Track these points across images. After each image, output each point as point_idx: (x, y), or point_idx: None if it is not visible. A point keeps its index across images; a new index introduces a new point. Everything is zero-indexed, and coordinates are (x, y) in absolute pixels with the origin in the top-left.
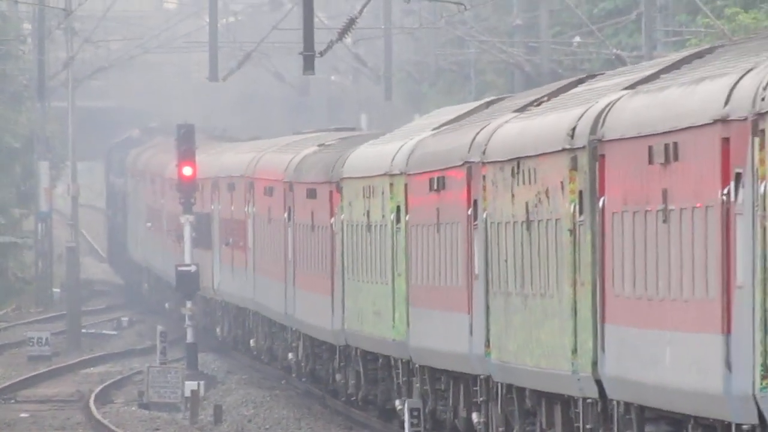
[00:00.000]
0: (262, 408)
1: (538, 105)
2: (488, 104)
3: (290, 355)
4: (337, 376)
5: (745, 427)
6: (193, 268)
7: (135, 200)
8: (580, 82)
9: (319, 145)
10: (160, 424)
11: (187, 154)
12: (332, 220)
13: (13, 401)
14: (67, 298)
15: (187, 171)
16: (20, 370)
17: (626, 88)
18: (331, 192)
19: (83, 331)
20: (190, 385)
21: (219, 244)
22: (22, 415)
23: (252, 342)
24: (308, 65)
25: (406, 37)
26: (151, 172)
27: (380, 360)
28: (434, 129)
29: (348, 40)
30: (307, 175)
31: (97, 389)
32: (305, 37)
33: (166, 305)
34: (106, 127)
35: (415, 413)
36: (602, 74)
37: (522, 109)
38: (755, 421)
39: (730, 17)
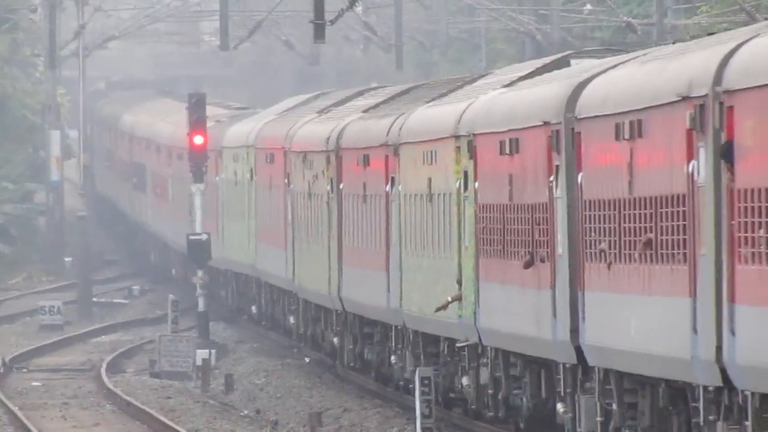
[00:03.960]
0: (273, 377)
1: (327, 112)
2: (317, 96)
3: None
4: (222, 292)
5: (398, 327)
6: (204, 237)
7: (99, 144)
8: (361, 93)
9: (216, 122)
10: (172, 392)
11: (198, 123)
12: (216, 177)
13: (25, 370)
14: (77, 267)
15: (198, 140)
16: (32, 339)
17: (364, 111)
18: (216, 156)
19: (94, 300)
20: (202, 354)
21: (150, 191)
22: (34, 383)
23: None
24: (319, 34)
25: (417, 5)
26: (109, 121)
27: (243, 278)
28: (278, 114)
29: (358, 8)
30: None
31: (109, 358)
32: (316, 6)
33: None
34: None
35: (426, 382)
36: (383, 86)
37: (321, 112)
38: (401, 324)
39: None
